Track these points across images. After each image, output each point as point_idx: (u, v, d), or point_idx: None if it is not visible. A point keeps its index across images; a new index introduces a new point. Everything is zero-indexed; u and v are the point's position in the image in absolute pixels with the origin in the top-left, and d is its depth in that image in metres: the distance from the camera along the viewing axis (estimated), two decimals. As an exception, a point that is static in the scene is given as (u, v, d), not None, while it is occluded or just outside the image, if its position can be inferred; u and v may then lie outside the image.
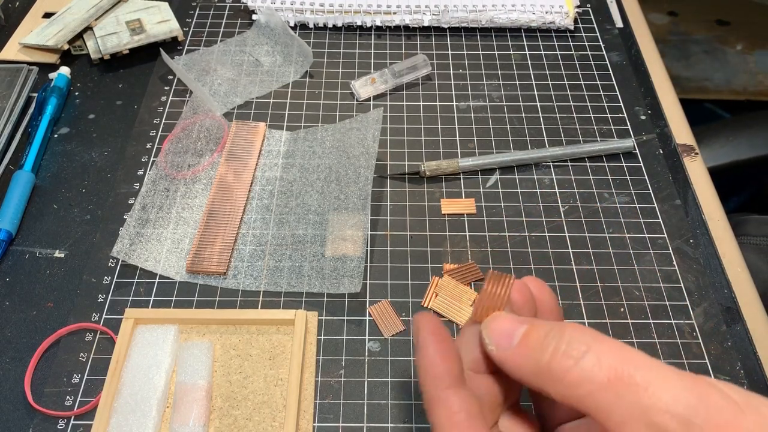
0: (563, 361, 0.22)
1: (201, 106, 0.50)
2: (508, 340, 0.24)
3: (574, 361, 0.22)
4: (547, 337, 0.23)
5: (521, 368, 0.23)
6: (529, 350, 0.23)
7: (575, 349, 0.22)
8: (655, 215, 0.44)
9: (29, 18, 0.57)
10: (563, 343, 0.22)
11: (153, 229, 0.43)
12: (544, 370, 0.22)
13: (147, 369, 0.36)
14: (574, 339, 0.22)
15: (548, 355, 0.22)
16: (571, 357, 0.22)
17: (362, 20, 0.56)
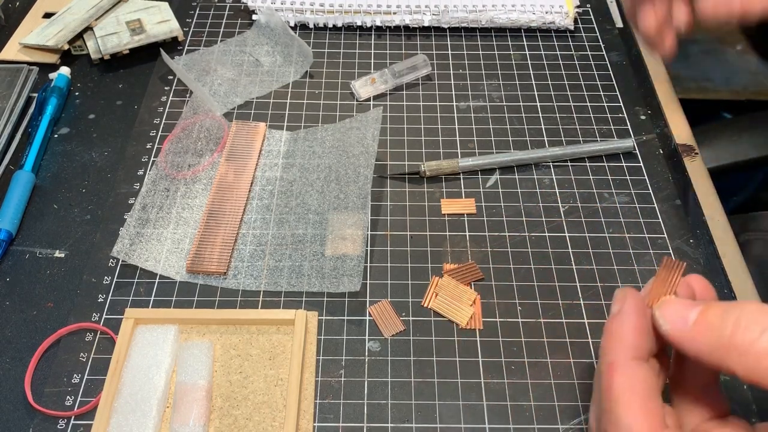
0: (747, 334, 0.22)
1: (201, 106, 0.50)
2: (683, 320, 0.25)
3: (758, 334, 0.22)
4: (727, 312, 0.23)
5: (700, 345, 0.24)
6: (709, 326, 0.24)
7: (759, 322, 0.22)
8: (655, 215, 0.44)
9: (29, 18, 0.57)
10: (744, 318, 0.22)
11: (153, 229, 0.43)
12: (726, 345, 0.23)
13: (147, 369, 0.36)
14: (756, 312, 0.22)
15: (730, 328, 0.23)
16: (755, 330, 0.22)
17: (362, 20, 0.56)
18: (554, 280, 0.40)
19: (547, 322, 0.39)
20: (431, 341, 0.38)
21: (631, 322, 0.26)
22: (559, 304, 0.39)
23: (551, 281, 0.40)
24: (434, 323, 0.39)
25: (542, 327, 0.38)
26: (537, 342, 0.38)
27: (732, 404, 0.35)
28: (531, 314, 0.39)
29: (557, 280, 0.41)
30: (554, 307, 0.39)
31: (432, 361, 0.37)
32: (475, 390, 0.36)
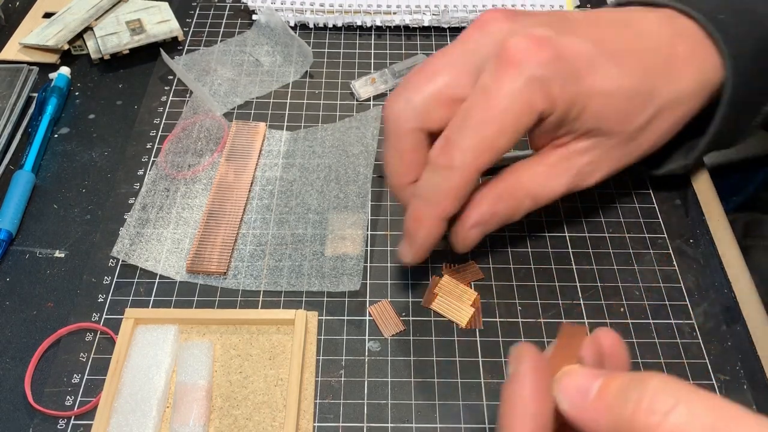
0: (649, 418, 0.19)
1: (201, 106, 0.50)
2: (583, 395, 0.22)
3: (662, 416, 0.19)
4: (628, 388, 0.20)
5: (598, 425, 0.21)
6: (608, 404, 0.21)
7: (662, 402, 0.19)
8: (655, 215, 0.44)
9: (29, 18, 0.57)
10: (647, 396, 0.20)
11: (153, 229, 0.43)
12: (626, 427, 0.20)
13: (147, 369, 0.36)
14: (660, 391, 0.20)
15: (630, 409, 0.20)
16: (657, 411, 0.19)
17: (362, 20, 0.56)
18: (554, 280, 0.41)
19: (547, 322, 0.39)
20: (431, 341, 0.38)
21: (526, 391, 0.23)
22: (560, 304, 0.39)
23: (551, 281, 0.40)
24: (434, 323, 0.39)
25: (542, 327, 0.38)
26: (537, 342, 0.38)
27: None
28: (531, 314, 0.39)
29: (557, 280, 0.41)
30: (554, 307, 0.39)
31: (432, 361, 0.37)
32: (475, 390, 0.36)
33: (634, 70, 0.33)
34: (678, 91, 0.35)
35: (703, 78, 0.35)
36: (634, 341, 0.38)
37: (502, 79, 0.30)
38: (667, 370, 0.37)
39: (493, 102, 0.30)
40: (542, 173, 0.35)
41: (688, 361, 0.37)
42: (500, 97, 0.30)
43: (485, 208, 0.34)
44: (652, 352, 0.37)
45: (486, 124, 0.30)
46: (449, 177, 0.31)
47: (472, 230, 0.35)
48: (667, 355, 0.37)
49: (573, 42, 0.31)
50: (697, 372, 0.37)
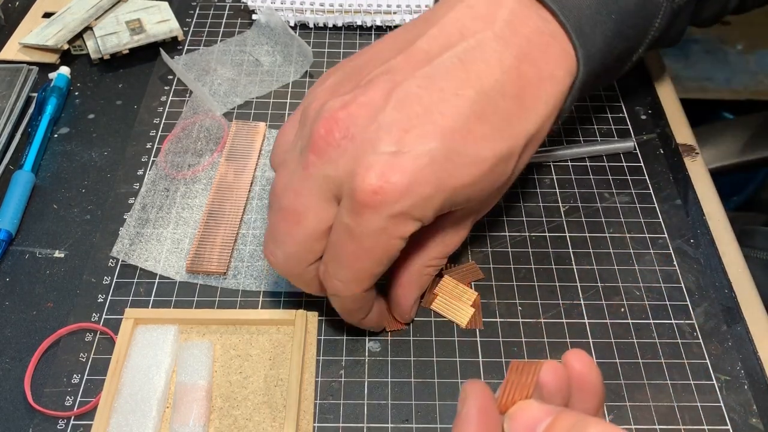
0: None
1: (201, 105, 0.50)
2: None
3: None
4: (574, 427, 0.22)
5: None
6: None
7: None
8: (656, 215, 0.44)
9: (29, 18, 0.57)
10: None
11: (153, 229, 0.42)
12: None
13: (147, 369, 0.36)
14: None
15: None
16: None
17: (362, 20, 0.56)
18: (554, 280, 0.40)
19: (548, 322, 0.39)
20: (431, 341, 0.38)
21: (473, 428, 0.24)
22: (560, 304, 0.39)
23: (551, 281, 0.40)
24: (434, 323, 0.38)
25: (542, 327, 0.38)
26: (537, 342, 0.38)
27: (732, 404, 0.35)
28: (531, 314, 0.39)
29: (557, 280, 0.40)
30: (554, 307, 0.39)
31: (432, 361, 0.37)
32: (476, 390, 0.36)
33: (489, 140, 0.31)
34: (537, 122, 0.32)
35: (560, 87, 0.33)
36: (634, 341, 0.38)
37: (361, 221, 0.29)
38: (667, 370, 0.36)
39: (358, 243, 0.30)
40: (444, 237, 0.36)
41: (688, 361, 0.37)
42: (364, 238, 0.30)
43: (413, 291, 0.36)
44: (652, 352, 0.37)
45: (357, 261, 0.30)
46: (340, 301, 0.33)
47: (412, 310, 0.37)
48: (668, 355, 0.37)
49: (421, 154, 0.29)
50: (698, 372, 0.36)
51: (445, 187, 0.30)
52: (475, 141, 0.30)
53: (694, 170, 0.47)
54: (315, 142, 0.30)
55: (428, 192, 0.29)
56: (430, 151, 0.29)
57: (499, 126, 0.31)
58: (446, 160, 0.29)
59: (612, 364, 0.37)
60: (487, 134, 0.31)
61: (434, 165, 0.29)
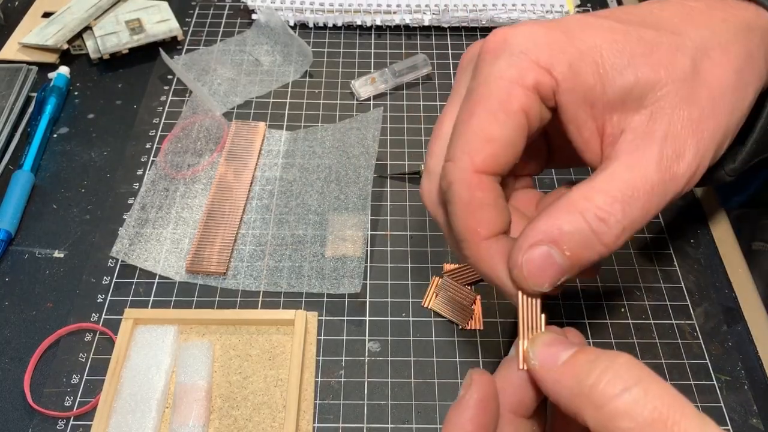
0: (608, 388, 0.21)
1: (200, 105, 0.49)
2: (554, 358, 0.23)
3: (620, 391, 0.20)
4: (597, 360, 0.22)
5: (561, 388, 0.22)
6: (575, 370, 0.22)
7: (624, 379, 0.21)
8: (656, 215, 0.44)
9: (29, 18, 0.57)
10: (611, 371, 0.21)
11: (152, 229, 0.42)
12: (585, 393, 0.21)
13: (147, 369, 0.36)
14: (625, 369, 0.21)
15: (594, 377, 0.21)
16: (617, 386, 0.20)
17: (362, 20, 0.56)
18: (554, 280, 0.40)
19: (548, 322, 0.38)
20: (431, 341, 0.38)
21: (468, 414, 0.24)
22: (560, 304, 0.39)
23: (551, 281, 0.40)
24: (434, 323, 0.38)
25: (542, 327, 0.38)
26: (537, 342, 0.38)
27: (732, 404, 0.35)
28: (531, 314, 0.39)
29: (557, 280, 0.40)
30: (554, 306, 0.39)
31: (432, 361, 0.37)
32: (476, 390, 0.36)
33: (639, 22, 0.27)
34: (710, 33, 0.27)
35: (737, 19, 0.28)
36: (634, 341, 0.38)
37: (479, 71, 0.26)
38: (667, 370, 0.36)
39: (473, 94, 0.26)
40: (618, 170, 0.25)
41: (688, 361, 0.37)
42: (479, 86, 0.26)
43: (548, 222, 0.25)
44: (652, 352, 0.37)
45: (470, 118, 0.25)
46: (453, 193, 0.26)
47: (531, 250, 0.25)
48: (668, 355, 0.37)
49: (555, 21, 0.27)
50: (698, 372, 0.36)
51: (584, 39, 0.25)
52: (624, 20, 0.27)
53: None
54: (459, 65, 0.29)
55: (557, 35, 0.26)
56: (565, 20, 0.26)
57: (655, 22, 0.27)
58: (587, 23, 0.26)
59: (612, 364, 0.37)
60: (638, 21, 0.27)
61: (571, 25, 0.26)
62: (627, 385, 0.20)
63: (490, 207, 0.26)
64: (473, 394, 0.24)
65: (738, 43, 0.28)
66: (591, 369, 0.21)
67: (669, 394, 0.20)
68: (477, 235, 0.26)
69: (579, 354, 0.22)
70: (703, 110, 0.26)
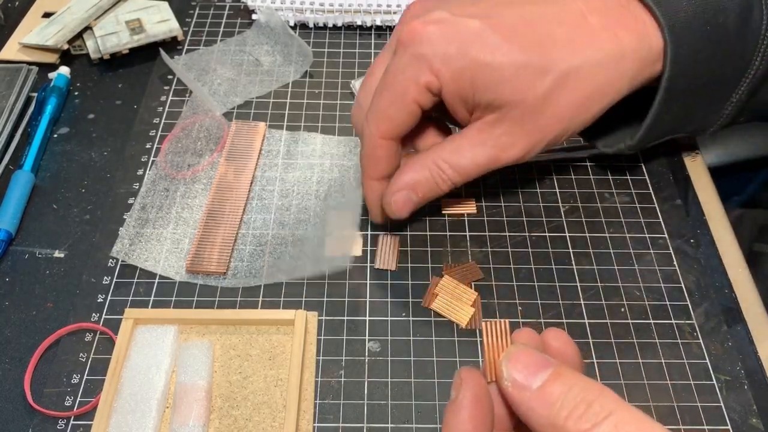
0: (580, 424, 0.21)
1: (201, 105, 0.49)
2: (529, 381, 0.23)
3: (591, 426, 0.21)
4: (571, 392, 0.22)
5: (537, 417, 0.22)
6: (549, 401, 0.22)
7: (596, 413, 0.21)
8: (656, 215, 0.44)
9: (29, 18, 0.57)
10: (584, 404, 0.21)
11: (152, 229, 0.42)
12: (559, 426, 0.21)
13: (147, 369, 0.36)
14: (597, 402, 0.21)
15: (567, 411, 0.21)
16: (589, 420, 0.21)
17: (362, 20, 0.56)
18: (554, 280, 0.40)
19: (548, 322, 0.39)
20: (431, 341, 0.38)
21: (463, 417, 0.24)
22: (560, 304, 0.39)
23: (551, 281, 0.40)
24: (434, 323, 0.38)
25: (543, 327, 0.38)
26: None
27: (732, 404, 0.35)
28: (531, 314, 0.39)
29: (557, 280, 0.40)
30: (554, 307, 0.39)
31: (432, 361, 0.37)
32: (476, 390, 0.36)
33: (527, 42, 0.33)
34: (582, 61, 0.34)
35: (618, 47, 0.34)
36: (634, 341, 0.38)
37: (395, 57, 0.35)
38: (667, 370, 0.36)
39: (386, 78, 0.35)
40: (462, 145, 0.37)
41: (688, 361, 0.37)
42: (390, 72, 0.35)
43: (409, 174, 0.37)
44: (652, 352, 0.37)
45: (379, 95, 0.35)
46: (363, 144, 0.37)
47: (397, 194, 0.37)
48: (668, 355, 0.37)
49: (462, 21, 0.34)
50: (698, 372, 0.36)
51: (468, 55, 0.33)
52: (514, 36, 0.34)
53: (694, 170, 0.47)
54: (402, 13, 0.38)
55: (452, 50, 0.33)
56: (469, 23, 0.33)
57: (542, 39, 0.34)
58: (478, 35, 0.33)
59: (612, 364, 0.37)
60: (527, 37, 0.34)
61: (467, 34, 0.33)
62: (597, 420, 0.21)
63: (381, 159, 0.37)
64: (466, 393, 0.24)
65: (602, 71, 0.34)
66: (565, 399, 0.22)
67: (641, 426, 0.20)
68: (368, 176, 0.38)
69: (554, 381, 0.22)
70: (540, 123, 0.35)
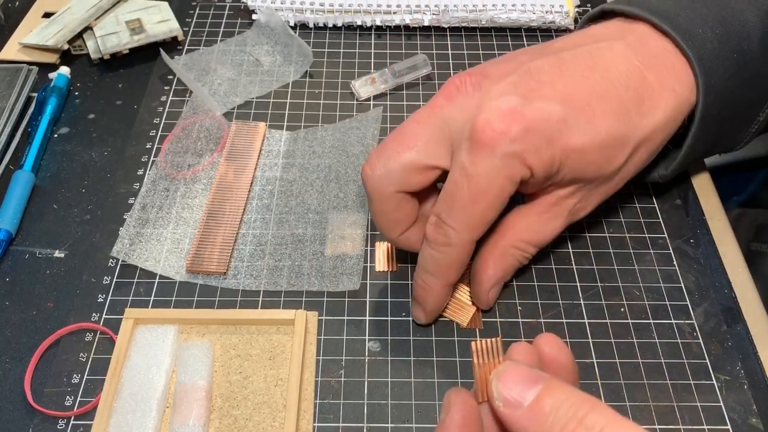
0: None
1: (201, 106, 0.50)
2: (519, 398, 0.23)
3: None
4: (562, 407, 0.22)
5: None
6: (540, 418, 0.22)
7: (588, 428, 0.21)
8: (656, 215, 0.44)
9: (29, 18, 0.57)
10: (575, 420, 0.21)
11: (153, 229, 0.42)
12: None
13: (147, 369, 0.36)
14: (589, 417, 0.21)
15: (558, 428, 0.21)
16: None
17: (362, 20, 0.56)
18: (554, 280, 0.40)
19: (548, 322, 0.39)
20: (431, 341, 0.38)
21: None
22: (560, 304, 0.39)
23: (551, 281, 0.40)
24: (434, 323, 0.38)
25: (542, 327, 0.38)
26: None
27: (732, 404, 0.35)
28: (531, 314, 0.39)
29: (557, 280, 0.40)
30: (554, 307, 0.39)
31: (432, 361, 0.37)
32: (476, 390, 0.36)
33: (606, 119, 0.33)
34: (654, 126, 0.35)
35: (678, 102, 0.35)
36: (634, 341, 0.38)
37: (478, 160, 0.31)
38: (667, 370, 0.36)
39: (474, 182, 0.31)
40: (537, 222, 0.36)
41: (688, 361, 0.37)
42: (480, 177, 0.31)
43: (495, 269, 0.36)
44: (652, 352, 0.37)
45: (473, 203, 0.32)
46: (448, 252, 0.33)
47: (491, 291, 0.37)
48: (667, 355, 0.37)
49: (541, 108, 0.32)
50: (698, 372, 0.36)
51: (557, 142, 0.32)
52: (593, 115, 0.33)
53: (694, 170, 0.47)
54: (446, 88, 0.34)
55: (541, 142, 0.32)
56: (549, 108, 0.32)
57: (617, 111, 0.33)
58: (562, 121, 0.32)
59: (612, 364, 0.37)
60: (605, 113, 0.33)
61: (551, 121, 0.32)
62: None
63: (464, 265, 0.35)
64: (455, 415, 0.24)
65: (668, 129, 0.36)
66: (556, 418, 0.22)
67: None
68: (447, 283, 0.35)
69: (544, 396, 0.22)
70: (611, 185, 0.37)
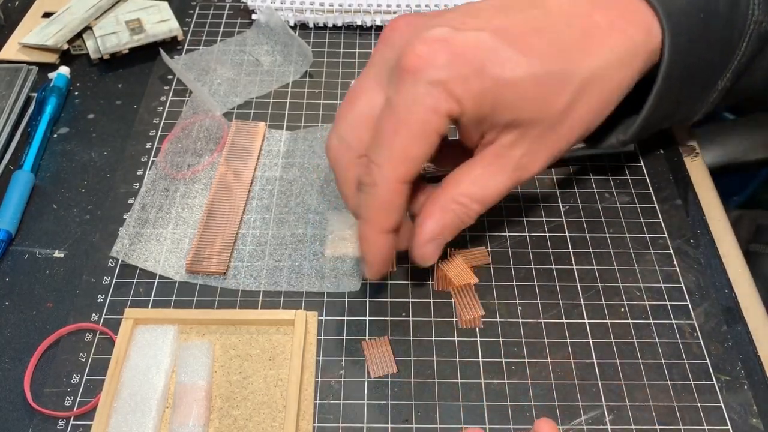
0: None
1: (201, 106, 0.49)
2: None
3: None
4: None
5: None
6: None
7: None
8: (656, 215, 0.44)
9: (29, 18, 0.57)
10: None
11: (152, 229, 0.42)
12: None
13: (146, 369, 0.36)
14: None
15: None
16: None
17: (362, 20, 0.56)
18: (554, 280, 0.40)
19: (548, 322, 0.39)
20: (431, 341, 0.38)
21: None
22: (560, 304, 0.39)
23: (551, 281, 0.40)
24: (434, 323, 0.38)
25: (542, 327, 0.38)
26: (537, 342, 0.38)
27: (732, 404, 0.35)
28: (531, 314, 0.39)
29: (557, 281, 0.40)
30: (554, 307, 0.39)
31: (432, 361, 0.37)
32: (475, 390, 0.36)
33: (543, 52, 0.31)
34: (599, 65, 0.32)
35: (630, 45, 0.33)
36: (634, 341, 0.38)
37: (401, 89, 0.30)
38: (667, 370, 0.36)
39: (397, 113, 0.30)
40: (481, 175, 0.34)
41: (688, 362, 0.37)
42: (401, 106, 0.30)
43: (433, 223, 0.34)
44: (652, 352, 0.37)
45: (395, 135, 0.30)
46: (375, 193, 0.32)
47: (427, 245, 0.34)
48: (668, 355, 0.37)
49: (470, 36, 0.30)
50: (698, 372, 0.36)
51: (487, 73, 0.30)
52: (528, 47, 0.31)
53: (694, 170, 0.47)
54: (383, 32, 0.33)
55: (469, 71, 0.30)
56: (478, 38, 0.30)
57: (556, 45, 0.31)
58: (493, 50, 0.30)
59: (612, 364, 0.37)
60: (542, 46, 0.31)
61: (480, 49, 0.30)
62: None
63: (399, 209, 0.32)
64: None
65: (618, 72, 0.33)
66: None
67: None
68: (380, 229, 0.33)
69: None
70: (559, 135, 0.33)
